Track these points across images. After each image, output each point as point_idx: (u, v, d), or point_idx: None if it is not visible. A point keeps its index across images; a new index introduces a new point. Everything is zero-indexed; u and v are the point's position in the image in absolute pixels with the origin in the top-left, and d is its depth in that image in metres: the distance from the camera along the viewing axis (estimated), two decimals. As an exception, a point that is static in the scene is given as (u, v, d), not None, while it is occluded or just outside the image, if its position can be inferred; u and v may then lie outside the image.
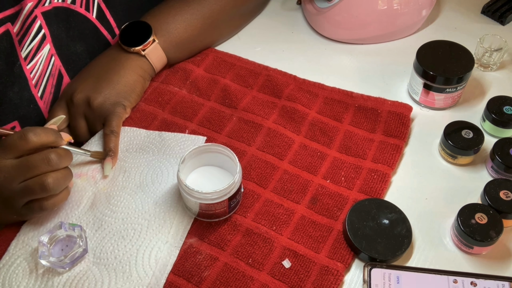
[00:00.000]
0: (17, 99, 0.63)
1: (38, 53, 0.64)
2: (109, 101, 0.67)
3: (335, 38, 0.82)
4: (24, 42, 0.62)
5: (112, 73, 0.69)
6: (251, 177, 0.64)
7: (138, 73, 0.71)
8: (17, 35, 0.60)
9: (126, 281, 0.55)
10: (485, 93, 0.73)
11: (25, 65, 0.62)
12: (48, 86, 0.66)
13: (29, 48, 0.62)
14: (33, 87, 0.64)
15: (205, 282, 0.55)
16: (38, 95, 0.65)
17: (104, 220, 0.59)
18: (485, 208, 0.57)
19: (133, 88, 0.70)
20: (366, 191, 0.62)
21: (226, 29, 0.82)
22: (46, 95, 0.66)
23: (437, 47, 0.70)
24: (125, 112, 0.68)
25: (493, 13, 0.83)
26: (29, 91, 0.64)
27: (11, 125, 0.63)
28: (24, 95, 0.64)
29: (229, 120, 0.70)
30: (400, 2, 0.77)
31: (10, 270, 0.56)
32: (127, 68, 0.70)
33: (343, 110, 0.71)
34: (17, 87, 0.62)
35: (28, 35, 0.62)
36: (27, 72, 0.63)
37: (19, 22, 0.60)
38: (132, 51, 0.71)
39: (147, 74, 0.73)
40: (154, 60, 0.72)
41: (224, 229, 0.60)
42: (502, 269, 0.56)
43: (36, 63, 0.63)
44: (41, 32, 0.63)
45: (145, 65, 0.72)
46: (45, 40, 0.64)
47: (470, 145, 0.63)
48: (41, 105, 0.66)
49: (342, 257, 0.57)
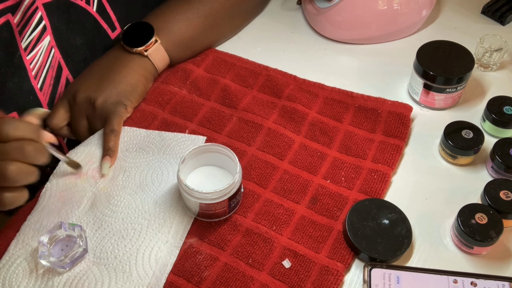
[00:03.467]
0: (17, 90, 0.63)
1: (38, 44, 0.64)
2: (111, 100, 0.67)
3: (335, 38, 0.82)
4: (25, 33, 0.62)
5: (115, 72, 0.69)
6: (251, 177, 0.64)
7: (140, 73, 0.71)
8: (17, 25, 0.60)
9: (126, 281, 0.55)
10: (485, 93, 0.73)
11: (25, 56, 0.62)
12: (47, 78, 0.66)
13: (29, 39, 0.62)
14: (32, 78, 0.64)
15: (205, 282, 0.55)
16: (37, 87, 0.65)
17: (104, 220, 0.59)
18: (485, 208, 0.57)
19: (135, 88, 0.70)
20: (366, 191, 0.62)
21: (227, 28, 0.82)
22: (45, 87, 0.66)
23: (437, 47, 0.70)
24: (126, 111, 0.68)
25: (493, 13, 0.83)
26: (28, 82, 0.64)
27: (10, 115, 0.63)
28: (23, 86, 0.63)
29: (229, 120, 0.70)
30: (400, 2, 0.77)
31: (10, 270, 0.56)
32: (129, 68, 0.70)
33: (343, 110, 0.71)
34: (17, 77, 0.62)
35: (29, 26, 0.62)
36: (26, 63, 0.63)
37: (20, 13, 0.60)
38: (134, 52, 0.71)
39: (150, 74, 0.73)
40: (157, 60, 0.73)
41: (224, 229, 0.60)
42: (502, 269, 0.56)
43: (36, 54, 0.63)
44: (42, 23, 0.63)
45: (147, 65, 0.72)
46: (45, 31, 0.64)
47: (470, 145, 0.63)
48: (40, 97, 0.66)
49: (342, 257, 0.57)
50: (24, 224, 0.60)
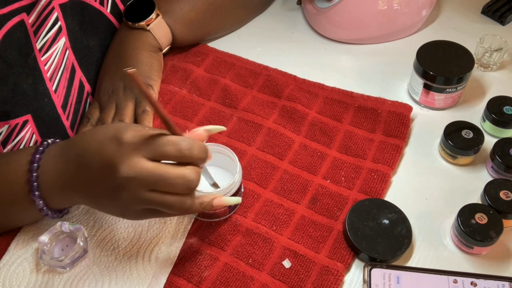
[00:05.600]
0: (31, 92, 0.61)
1: (53, 45, 0.63)
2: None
3: (335, 38, 0.82)
4: (40, 33, 0.61)
5: (126, 57, 0.70)
6: (251, 177, 0.64)
7: (147, 49, 0.72)
8: (32, 25, 0.59)
9: (126, 281, 0.55)
10: (485, 93, 0.73)
11: (40, 57, 0.61)
12: (62, 80, 0.65)
13: (44, 40, 0.61)
14: (48, 80, 0.63)
15: (205, 282, 0.55)
16: (52, 89, 0.64)
17: (104, 220, 0.59)
18: (485, 208, 0.57)
19: (151, 66, 0.71)
20: (366, 191, 0.62)
21: (230, 20, 0.83)
22: (60, 89, 0.65)
23: (437, 47, 0.70)
24: (153, 91, 0.69)
25: (493, 13, 0.83)
26: (43, 84, 0.62)
27: (24, 118, 0.61)
28: (38, 87, 0.62)
29: (229, 120, 0.70)
30: (400, 2, 0.77)
31: (11, 270, 0.56)
32: (137, 47, 0.71)
33: (343, 110, 0.71)
34: (31, 79, 0.61)
35: (44, 26, 0.61)
36: (41, 64, 0.62)
37: (35, 13, 0.59)
38: (137, 27, 0.71)
39: (156, 49, 0.73)
40: (160, 35, 0.73)
41: (224, 229, 0.60)
42: (502, 269, 0.56)
43: (51, 56, 0.63)
44: (57, 24, 0.63)
45: (151, 40, 0.72)
46: (61, 32, 0.63)
47: (470, 145, 0.63)
48: (54, 99, 0.64)
49: (342, 257, 0.57)
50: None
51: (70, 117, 0.67)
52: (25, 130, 0.61)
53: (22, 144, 0.62)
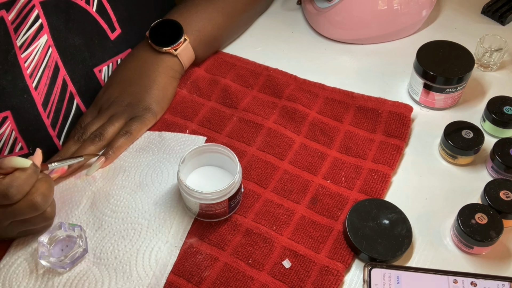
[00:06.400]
0: (10, 88, 0.62)
1: (34, 43, 0.63)
2: (142, 105, 0.68)
3: (335, 38, 0.82)
4: (20, 30, 0.61)
5: (144, 76, 0.70)
6: (251, 177, 0.64)
7: (169, 74, 0.71)
8: (12, 23, 0.60)
9: (126, 281, 0.55)
10: (485, 93, 0.73)
11: (20, 54, 0.62)
12: (43, 77, 0.65)
13: (24, 37, 0.62)
14: (27, 76, 0.63)
15: (205, 282, 0.55)
16: (32, 86, 0.64)
17: (104, 220, 0.59)
18: (485, 208, 0.57)
19: (166, 92, 0.71)
20: (367, 191, 0.62)
21: (243, 27, 0.84)
22: (41, 86, 0.66)
23: (437, 47, 0.70)
24: (154, 119, 0.69)
25: (493, 13, 0.83)
26: (23, 80, 0.63)
27: (3, 114, 0.62)
28: (17, 84, 0.63)
29: (230, 120, 0.70)
30: (400, 2, 0.77)
31: (11, 270, 0.56)
32: (158, 71, 0.70)
33: (344, 110, 0.71)
34: (11, 75, 0.62)
35: (25, 24, 0.61)
36: (21, 61, 0.62)
37: (15, 10, 0.59)
38: (164, 52, 0.71)
39: (178, 74, 0.73)
40: (185, 59, 0.73)
41: (224, 229, 0.60)
42: (502, 269, 0.56)
43: (31, 53, 0.63)
44: (38, 21, 0.63)
45: (176, 65, 0.72)
46: (42, 30, 0.63)
47: (470, 145, 0.63)
48: (35, 96, 0.65)
49: (342, 257, 0.57)
50: (24, 224, 0.60)
51: (51, 115, 0.67)
52: (5, 127, 0.62)
53: (2, 141, 0.63)
